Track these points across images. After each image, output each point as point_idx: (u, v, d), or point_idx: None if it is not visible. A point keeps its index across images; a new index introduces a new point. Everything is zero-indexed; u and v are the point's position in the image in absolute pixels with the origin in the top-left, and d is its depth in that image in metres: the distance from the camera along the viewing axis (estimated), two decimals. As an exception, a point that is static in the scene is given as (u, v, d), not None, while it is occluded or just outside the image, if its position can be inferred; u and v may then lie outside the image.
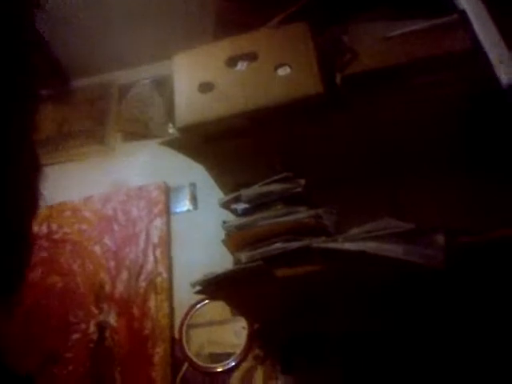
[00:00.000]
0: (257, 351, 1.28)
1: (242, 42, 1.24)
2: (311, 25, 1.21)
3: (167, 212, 1.56)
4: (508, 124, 1.16)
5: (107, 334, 1.40)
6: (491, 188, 1.24)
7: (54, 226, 1.59)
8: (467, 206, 1.24)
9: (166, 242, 1.51)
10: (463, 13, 0.98)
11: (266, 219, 1.09)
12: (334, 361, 1.19)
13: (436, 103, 1.16)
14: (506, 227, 0.97)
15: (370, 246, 0.93)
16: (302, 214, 1.07)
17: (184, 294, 1.39)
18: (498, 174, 1.23)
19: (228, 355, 1.31)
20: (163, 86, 1.85)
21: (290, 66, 1.16)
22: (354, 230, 0.99)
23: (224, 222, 1.13)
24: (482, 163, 1.26)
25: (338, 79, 1.12)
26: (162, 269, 1.46)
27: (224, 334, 1.35)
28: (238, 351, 1.29)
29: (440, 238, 0.90)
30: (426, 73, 1.10)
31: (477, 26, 1.00)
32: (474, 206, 1.24)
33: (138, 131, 1.85)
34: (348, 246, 0.96)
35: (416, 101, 1.15)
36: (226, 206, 1.18)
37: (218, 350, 1.34)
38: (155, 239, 1.51)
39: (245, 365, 1.27)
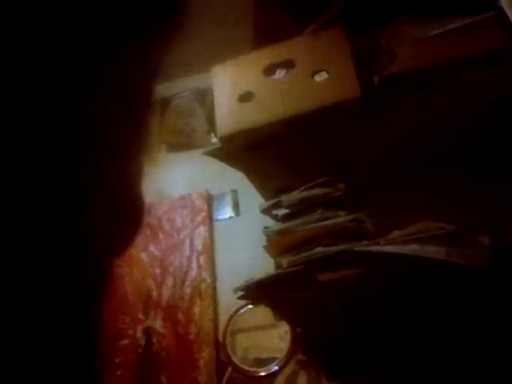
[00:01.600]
0: (300, 356, 1.28)
1: (279, 51, 1.26)
2: (347, 29, 1.21)
3: (210, 219, 1.59)
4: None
5: (154, 339, 1.43)
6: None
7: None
8: (505, 206, 1.21)
9: (210, 248, 1.53)
10: (502, 11, 0.97)
11: (306, 224, 1.10)
12: (377, 365, 1.18)
13: (473, 102, 1.14)
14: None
15: (412, 249, 0.93)
16: (343, 218, 1.07)
17: (228, 299, 1.41)
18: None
19: (270, 359, 1.31)
20: (204, 97, 1.89)
21: (327, 72, 1.17)
22: (396, 233, 0.98)
23: (265, 228, 1.15)
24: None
25: (376, 81, 1.12)
26: (205, 275, 1.48)
27: (268, 338, 1.36)
28: (281, 356, 1.30)
29: (484, 239, 0.88)
30: (465, 72, 1.08)
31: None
32: (510, 206, 1.21)
33: (181, 142, 1.90)
34: (390, 249, 0.96)
35: (453, 100, 1.14)
36: (266, 211, 1.19)
37: (263, 355, 1.35)
38: (199, 246, 1.54)
39: (288, 369, 1.28)
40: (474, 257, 0.86)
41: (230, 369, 1.33)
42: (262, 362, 1.32)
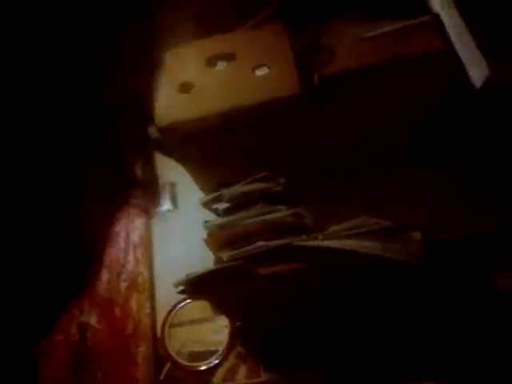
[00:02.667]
0: (239, 349, 1.29)
1: (221, 43, 1.25)
2: (287, 25, 1.22)
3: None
4: (480, 122, 1.19)
5: (89, 334, 1.40)
6: (462, 183, 1.28)
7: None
8: (440, 202, 1.28)
9: (147, 241, 1.51)
10: (437, 16, 1.01)
11: (246, 218, 1.11)
12: (316, 357, 1.21)
13: (410, 101, 1.19)
14: (479, 222, 1.00)
15: (349, 244, 0.96)
16: (283, 213, 1.09)
17: (166, 293, 1.39)
18: (468, 169, 1.28)
19: (209, 353, 1.32)
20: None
21: (268, 67, 1.18)
22: (334, 228, 1.01)
23: (205, 222, 1.14)
24: (453, 158, 1.30)
25: (316, 79, 1.13)
26: (142, 268, 1.46)
27: (205, 332, 1.36)
28: (221, 349, 1.30)
29: (417, 235, 0.92)
30: (400, 72, 1.12)
31: (449, 27, 1.03)
32: (446, 202, 1.27)
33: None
34: (328, 243, 0.99)
35: (391, 100, 1.18)
36: (207, 205, 1.19)
37: (199, 349, 1.35)
38: (136, 239, 1.51)
39: (227, 363, 1.29)
40: (407, 252, 0.90)
41: (168, 364, 1.32)
42: (198, 356, 1.32)
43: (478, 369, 1.13)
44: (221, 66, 1.25)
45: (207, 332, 1.35)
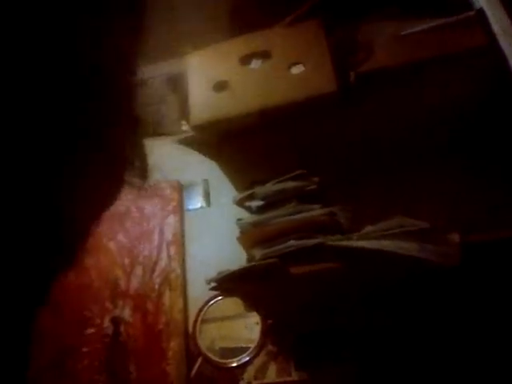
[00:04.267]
0: (270, 347, 1.29)
1: (256, 41, 1.25)
2: (324, 22, 1.21)
3: (180, 209, 1.58)
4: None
5: (122, 328, 1.42)
6: (497, 184, 1.25)
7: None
8: (473, 202, 1.24)
9: (180, 238, 1.52)
10: (480, 11, 0.98)
11: (280, 217, 1.10)
12: (347, 357, 1.20)
13: (450, 99, 1.17)
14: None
15: (385, 245, 0.94)
16: (317, 212, 1.08)
17: (198, 289, 1.40)
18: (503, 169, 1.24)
19: (239, 350, 1.32)
20: (176, 83, 1.85)
21: (304, 65, 1.17)
22: (369, 228, 1.00)
23: (238, 220, 1.14)
24: (489, 158, 1.26)
25: (352, 77, 1.12)
26: (175, 265, 1.47)
27: (235, 328, 1.36)
28: (252, 346, 1.30)
29: (455, 236, 0.91)
30: (440, 70, 1.10)
31: (494, 24, 1.00)
32: (479, 202, 1.24)
33: (150, 129, 1.86)
34: (363, 244, 0.97)
35: (430, 97, 1.16)
36: (240, 203, 1.19)
37: (229, 345, 1.35)
38: (169, 236, 1.53)
39: (258, 360, 1.29)
40: (445, 254, 0.88)
41: (200, 359, 1.33)
42: (229, 353, 1.33)
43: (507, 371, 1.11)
44: (256, 64, 1.24)
45: (239, 329, 1.35)
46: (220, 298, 1.38)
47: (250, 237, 1.11)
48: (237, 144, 1.22)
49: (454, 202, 1.24)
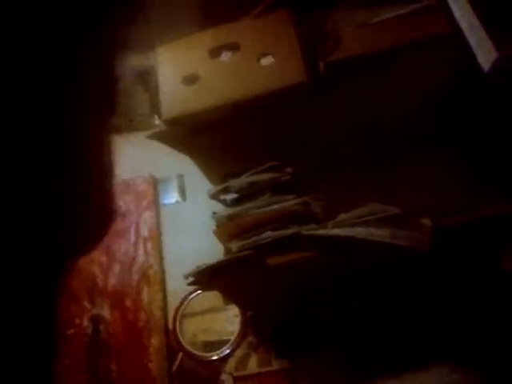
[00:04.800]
0: (250, 338, 1.30)
1: (224, 33, 1.24)
2: (292, 13, 1.21)
3: (156, 204, 1.57)
4: (489, 105, 1.18)
5: (102, 327, 1.41)
6: (470, 166, 1.27)
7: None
8: (449, 185, 1.27)
9: (157, 234, 1.51)
10: (443, -1, 0.99)
11: (255, 209, 1.11)
12: (326, 345, 1.21)
13: (418, 86, 1.18)
14: (487, 205, 0.99)
15: (358, 232, 0.95)
16: (291, 202, 1.08)
17: (176, 284, 1.40)
18: (477, 152, 1.27)
19: (221, 342, 1.33)
20: (146, 78, 1.83)
21: (273, 56, 1.17)
22: (342, 216, 1.01)
23: (214, 213, 1.14)
24: (461, 142, 1.28)
25: (322, 67, 1.13)
26: (153, 261, 1.47)
27: (216, 322, 1.37)
28: (232, 339, 1.31)
29: (426, 221, 0.92)
30: (407, 57, 1.11)
31: (455, 11, 1.01)
32: (454, 185, 1.27)
33: (122, 124, 1.84)
34: (337, 232, 0.98)
35: (399, 85, 1.17)
36: (215, 196, 1.19)
37: (211, 338, 1.36)
38: (145, 232, 1.52)
39: (239, 352, 1.30)
40: (417, 239, 0.90)
41: (180, 354, 1.33)
42: (210, 346, 1.33)
43: (486, 351, 1.13)
44: (225, 56, 1.24)
45: (219, 322, 1.36)
46: (199, 292, 1.38)
47: (226, 230, 1.11)
48: (209, 137, 1.22)
49: (430, 187, 1.26)
